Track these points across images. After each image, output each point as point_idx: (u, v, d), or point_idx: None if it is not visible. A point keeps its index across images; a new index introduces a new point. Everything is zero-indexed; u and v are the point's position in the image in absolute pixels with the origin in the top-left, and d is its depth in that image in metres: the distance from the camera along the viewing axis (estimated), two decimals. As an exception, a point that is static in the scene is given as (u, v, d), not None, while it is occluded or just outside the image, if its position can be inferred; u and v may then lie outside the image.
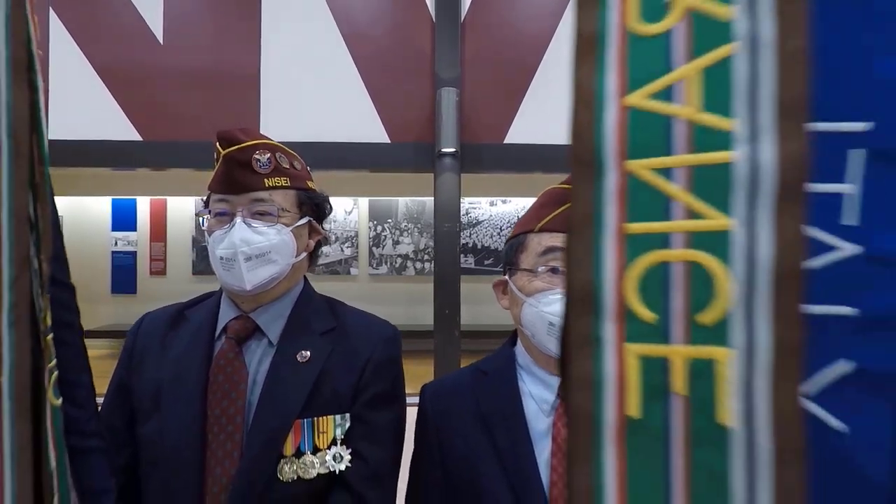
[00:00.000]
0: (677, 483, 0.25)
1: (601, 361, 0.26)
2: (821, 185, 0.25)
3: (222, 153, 0.96)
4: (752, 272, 0.24)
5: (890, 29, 0.25)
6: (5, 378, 0.45)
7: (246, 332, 0.98)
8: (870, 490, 0.25)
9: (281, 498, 0.89)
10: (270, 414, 0.91)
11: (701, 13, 0.24)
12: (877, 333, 0.25)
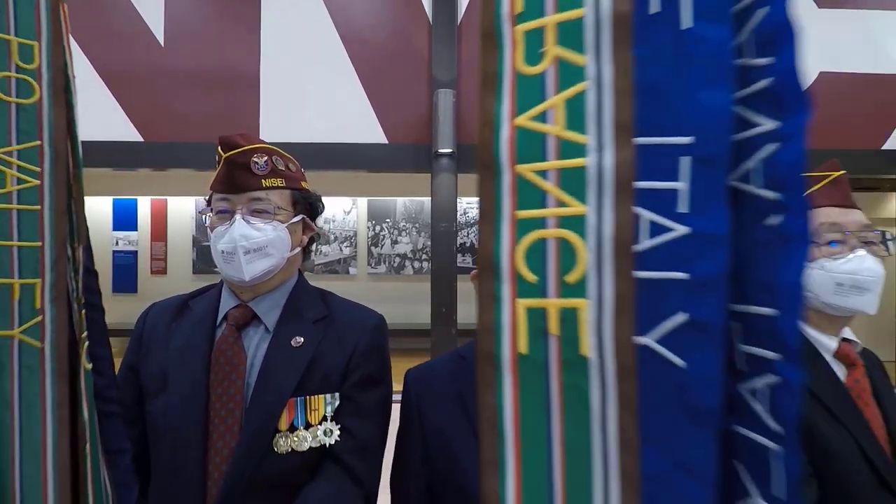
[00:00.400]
0: (555, 398, 0.35)
1: (500, 313, 0.36)
2: (659, 182, 0.34)
3: (223, 156, 1.06)
4: (600, 245, 0.34)
5: (704, 69, 0.35)
6: (47, 345, 0.55)
7: (245, 319, 1.08)
8: (700, 412, 0.34)
9: (276, 468, 0.99)
10: (267, 393, 1.01)
11: (564, 60, 0.34)
12: (703, 293, 0.34)
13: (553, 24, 0.34)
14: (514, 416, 0.36)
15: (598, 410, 0.34)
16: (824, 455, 1.00)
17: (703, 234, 0.34)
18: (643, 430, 0.33)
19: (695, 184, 0.34)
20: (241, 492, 0.96)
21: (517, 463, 0.36)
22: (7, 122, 0.53)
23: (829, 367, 1.07)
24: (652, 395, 0.34)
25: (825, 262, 1.05)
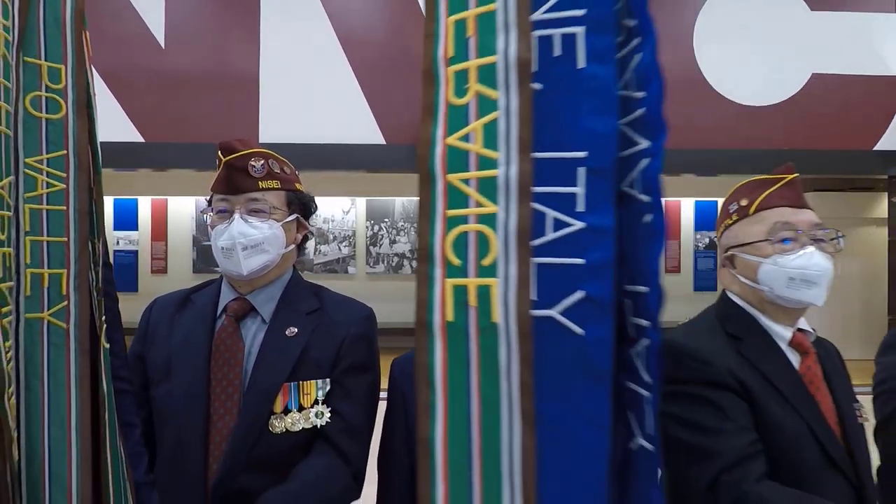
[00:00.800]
0: (473, 355, 0.44)
1: (433, 290, 0.45)
2: (561, 188, 0.43)
3: (223, 160, 1.15)
4: (507, 236, 0.43)
5: (595, 99, 0.44)
6: (72, 326, 0.64)
7: (243, 311, 1.17)
8: (596, 371, 0.43)
9: (271, 448, 1.08)
10: (263, 379, 1.10)
11: (482, 94, 0.43)
12: (596, 275, 0.43)
13: (475, 67, 0.44)
14: (443, 370, 0.45)
15: (505, 364, 0.44)
16: (776, 435, 1.08)
17: (596, 229, 0.43)
18: (549, 385, 0.43)
19: (589, 189, 0.43)
20: (240, 468, 1.06)
21: (444, 407, 0.45)
22: (38, 134, 0.62)
23: (783, 355, 1.16)
24: (556, 357, 0.43)
25: (778, 258, 1.14)
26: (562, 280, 0.43)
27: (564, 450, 0.43)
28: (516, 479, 0.43)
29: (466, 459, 0.45)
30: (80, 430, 0.63)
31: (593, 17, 0.43)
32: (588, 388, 0.43)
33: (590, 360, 0.43)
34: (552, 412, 0.43)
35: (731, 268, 1.23)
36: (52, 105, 0.63)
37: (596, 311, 0.42)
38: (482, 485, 0.45)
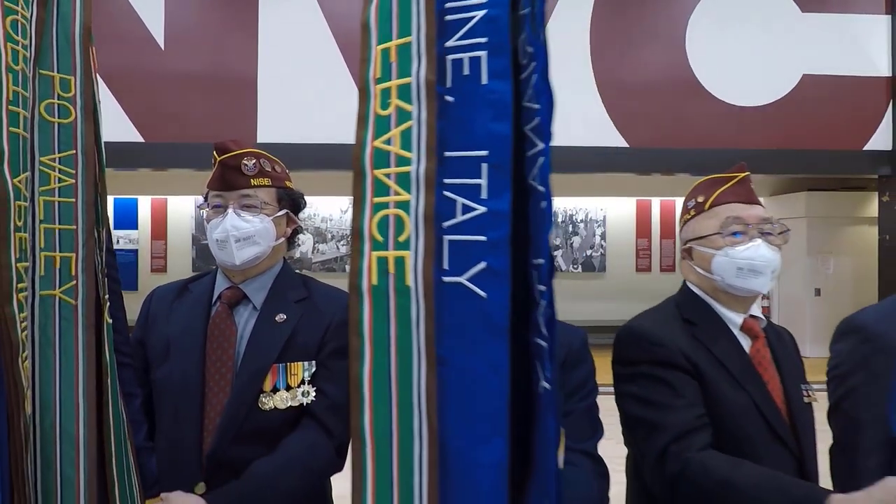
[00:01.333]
0: (391, 313, 0.55)
1: (362, 261, 0.56)
2: (469, 179, 0.53)
3: (218, 159, 1.25)
4: (417, 218, 0.53)
5: (494, 109, 0.54)
6: (80, 302, 0.74)
7: (236, 298, 1.27)
8: (496, 326, 0.53)
9: (261, 423, 1.17)
10: (253, 360, 1.20)
11: (400, 107, 0.54)
12: (495, 250, 0.53)
13: (395, 86, 0.55)
14: (369, 323, 0.57)
15: (415, 318, 0.54)
16: (725, 410, 1.18)
17: (495, 212, 0.54)
18: (457, 337, 0.53)
19: (490, 180, 0.53)
20: (231, 441, 1.15)
21: (370, 353, 0.56)
22: (51, 136, 0.72)
23: (734, 338, 1.26)
24: (464, 314, 0.54)
25: (729, 249, 1.24)
26: (468, 253, 0.54)
27: (469, 388, 0.53)
28: (423, 409, 0.55)
29: (387, 393, 0.56)
30: (87, 393, 0.73)
31: (493, 43, 0.53)
32: (489, 340, 0.53)
33: (490, 317, 0.53)
34: (459, 359, 0.54)
35: (689, 259, 1.33)
36: (63, 111, 0.73)
37: (495, 278, 0.53)
38: (398, 413, 0.56)
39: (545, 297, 0.53)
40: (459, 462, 0.53)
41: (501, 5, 0.54)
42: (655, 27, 6.43)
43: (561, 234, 8.76)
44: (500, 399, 0.52)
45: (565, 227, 8.79)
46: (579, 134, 6.26)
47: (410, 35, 0.56)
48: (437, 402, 0.53)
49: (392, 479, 0.56)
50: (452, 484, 0.54)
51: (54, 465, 0.71)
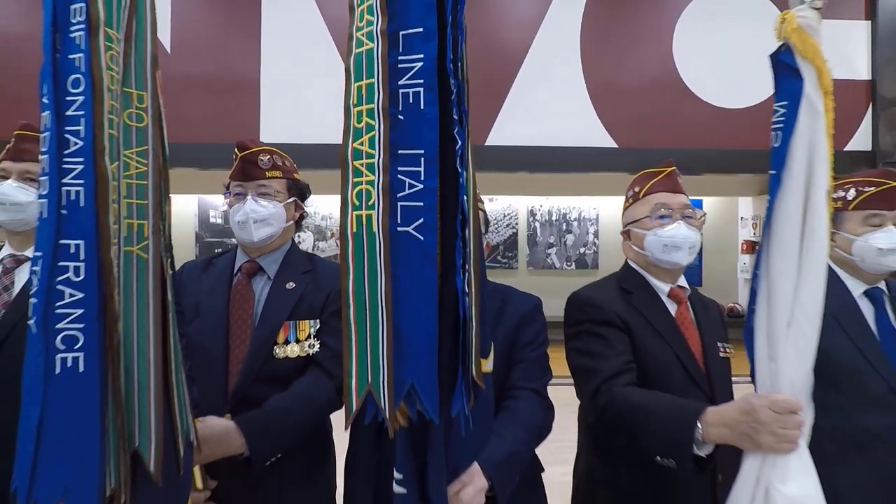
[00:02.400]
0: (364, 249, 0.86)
1: (346, 218, 0.86)
2: (413, 167, 0.83)
3: (239, 155, 1.54)
4: (378, 191, 0.84)
5: (426, 124, 0.86)
6: (150, 257, 1.03)
7: (253, 270, 1.56)
8: (429, 257, 0.83)
9: (275, 369, 1.46)
10: (269, 318, 1.49)
11: (368, 123, 0.85)
12: (428, 210, 0.83)
13: (364, 109, 0.86)
14: (352, 256, 0.86)
15: (378, 251, 0.85)
16: (651, 361, 1.46)
17: (429, 188, 0.84)
18: (405, 264, 0.84)
19: (425, 168, 0.85)
20: (251, 382, 1.44)
21: (353, 274, 0.86)
22: (131, 136, 1.01)
23: (662, 303, 1.55)
24: (411, 251, 0.84)
25: (657, 230, 1.53)
26: (412, 213, 0.84)
27: (412, 293, 0.84)
28: (384, 305, 0.85)
29: (362, 296, 0.85)
30: (155, 323, 1.02)
31: (427, 83, 0.83)
32: (424, 265, 0.84)
33: (426, 251, 0.84)
34: (406, 276, 0.85)
35: (628, 240, 1.63)
36: (138, 118, 1.02)
37: (428, 228, 0.83)
38: (369, 308, 0.86)
39: (459, 237, 0.84)
40: (407, 337, 0.84)
41: (431, 59, 0.85)
42: (643, 32, 6.71)
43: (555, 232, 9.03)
44: (431, 300, 0.83)
45: (559, 226, 9.06)
46: (570, 135, 6.54)
47: (373, 78, 0.86)
48: (392, 301, 0.84)
49: (366, 349, 0.86)
50: (402, 349, 0.84)
51: (133, 374, 1.00)
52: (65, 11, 0.95)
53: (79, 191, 0.92)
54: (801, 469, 1.07)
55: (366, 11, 0.87)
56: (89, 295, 0.93)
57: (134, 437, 1.00)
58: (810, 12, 1.10)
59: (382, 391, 0.86)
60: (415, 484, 0.97)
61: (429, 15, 0.86)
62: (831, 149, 1.09)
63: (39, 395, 0.92)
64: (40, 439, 0.92)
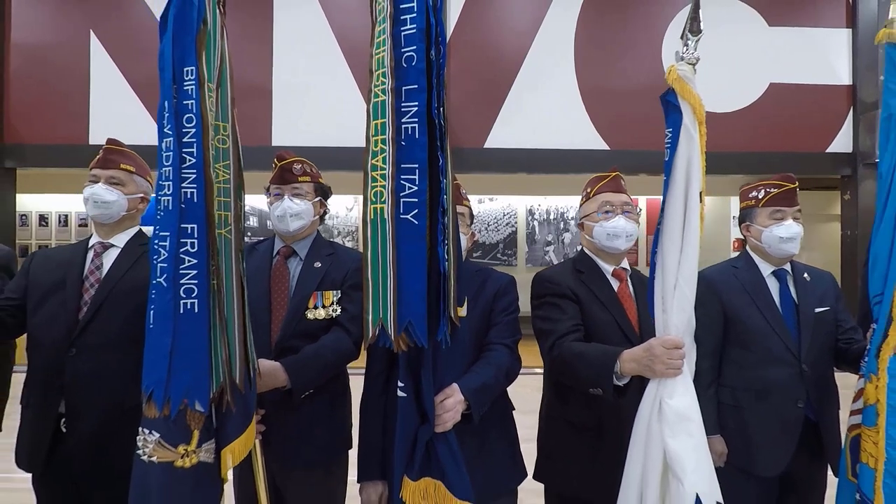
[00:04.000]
0: (378, 231, 1.36)
1: (366, 209, 1.37)
2: (411, 175, 1.32)
3: (278, 164, 2.04)
4: (388, 192, 1.33)
5: (417, 149, 1.34)
6: (233, 237, 1.53)
7: (288, 253, 2.06)
8: (420, 235, 1.34)
9: (307, 328, 1.96)
10: (301, 289, 1.99)
11: (382, 147, 1.33)
12: (421, 205, 1.34)
13: (379, 139, 1.35)
14: (369, 235, 1.36)
15: (389, 233, 1.33)
16: (596, 326, 1.94)
17: (421, 190, 1.34)
18: (405, 240, 1.33)
19: (419, 177, 1.34)
20: (289, 337, 1.94)
21: (370, 248, 1.35)
22: (219, 153, 1.51)
23: (607, 281, 2.03)
24: (408, 231, 1.33)
25: (603, 222, 2.01)
26: (410, 206, 1.32)
27: (410, 259, 1.33)
28: (390, 267, 1.34)
29: (377, 261, 1.34)
30: (237, 280, 1.52)
31: (420, 121, 1.31)
32: (417, 239, 1.33)
33: (418, 230, 1.32)
34: (406, 246, 1.32)
35: (582, 231, 2.11)
36: (223, 142, 1.52)
37: (420, 216, 1.32)
38: (381, 270, 1.34)
39: (440, 222, 1.32)
40: (406, 288, 1.34)
41: (423, 106, 1.34)
42: (634, 41, 7.19)
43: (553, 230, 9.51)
44: (422, 263, 1.33)
45: (556, 224, 9.53)
46: (564, 138, 7.03)
47: (385, 118, 1.35)
48: (396, 265, 1.33)
49: (379, 297, 1.37)
50: (402, 297, 1.34)
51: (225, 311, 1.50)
52: (180, 71, 1.45)
53: (193, 191, 1.43)
54: (683, 389, 1.55)
55: (381, 75, 1.36)
56: (200, 261, 1.43)
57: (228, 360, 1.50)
58: (687, 66, 1.56)
59: (390, 324, 1.35)
60: (412, 392, 1.46)
61: (421, 76, 1.35)
62: (703, 162, 1.56)
63: (170, 328, 1.42)
64: (171, 358, 1.41)
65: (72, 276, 1.96)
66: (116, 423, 1.85)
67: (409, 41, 1.36)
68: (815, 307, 2.06)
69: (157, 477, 1.43)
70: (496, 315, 1.92)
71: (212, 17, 1.48)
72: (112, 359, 1.87)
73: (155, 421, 1.44)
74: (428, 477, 1.50)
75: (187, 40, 1.43)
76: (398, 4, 1.36)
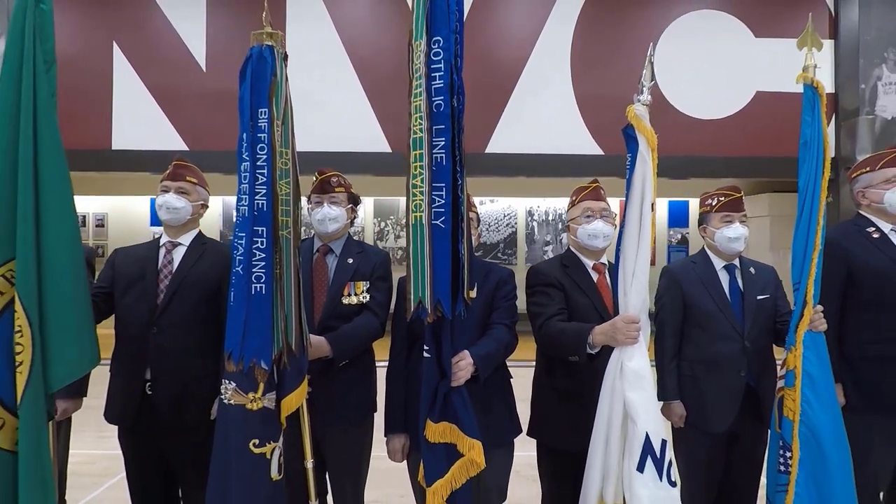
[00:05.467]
0: (417, 231, 1.85)
1: (408, 217, 1.86)
2: (441, 192, 1.82)
3: (319, 177, 2.53)
4: (425, 203, 1.83)
5: (446, 173, 1.84)
6: (291, 236, 2.04)
7: (326, 251, 2.57)
8: (446, 234, 1.83)
9: (343, 311, 2.47)
10: (338, 280, 2.50)
11: (419, 173, 1.83)
12: (447, 213, 1.83)
13: (416, 165, 1.83)
14: (410, 234, 1.89)
15: (426, 234, 1.84)
16: (577, 310, 2.44)
17: (447, 202, 1.85)
18: (439, 239, 1.84)
19: (445, 193, 1.85)
20: (329, 318, 2.45)
21: (410, 242, 1.86)
22: (283, 172, 2.02)
23: (588, 273, 2.53)
24: (438, 232, 1.84)
25: (585, 225, 2.51)
26: (440, 214, 1.81)
27: (439, 252, 1.82)
28: (426, 256, 1.84)
29: (418, 253, 1.84)
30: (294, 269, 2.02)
31: (446, 152, 1.82)
32: (445, 237, 1.82)
33: (445, 233, 1.81)
34: (437, 246, 1.82)
35: (568, 232, 2.61)
36: (285, 164, 2.02)
37: (447, 222, 1.81)
38: (420, 259, 1.84)
39: (460, 227, 1.82)
40: (436, 275, 1.85)
41: (448, 140, 1.84)
42: (628, 50, 7.70)
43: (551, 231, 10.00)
44: (447, 257, 1.83)
45: (555, 225, 10.03)
46: (561, 143, 7.54)
47: (423, 150, 1.85)
48: (431, 258, 1.83)
49: (419, 281, 1.88)
50: (434, 282, 1.85)
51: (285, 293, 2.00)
52: (256, 112, 1.95)
53: (263, 202, 1.94)
54: (639, 354, 2.05)
55: (418, 118, 1.86)
56: (267, 255, 1.94)
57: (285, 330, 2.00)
58: (642, 107, 2.06)
59: (427, 301, 1.85)
60: (435, 354, 1.96)
61: (447, 119, 1.86)
62: (656, 181, 2.05)
63: (244, 306, 1.93)
64: (245, 328, 1.91)
65: (150, 269, 2.46)
66: (189, 386, 2.37)
67: (437, 93, 1.86)
68: (757, 295, 2.56)
69: (234, 415, 1.94)
70: (497, 301, 2.42)
71: (280, 71, 1.97)
72: (185, 336, 2.38)
73: (232, 374, 1.95)
74: (445, 421, 1.99)
75: (262, 88, 1.94)
76: (430, 65, 1.85)
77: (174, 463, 2.44)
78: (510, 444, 2.42)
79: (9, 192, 1.85)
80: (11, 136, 1.86)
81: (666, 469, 1.92)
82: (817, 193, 2.27)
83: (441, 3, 1.87)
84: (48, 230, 1.88)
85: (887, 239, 2.55)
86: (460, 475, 2.01)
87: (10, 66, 1.87)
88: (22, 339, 1.82)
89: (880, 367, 2.47)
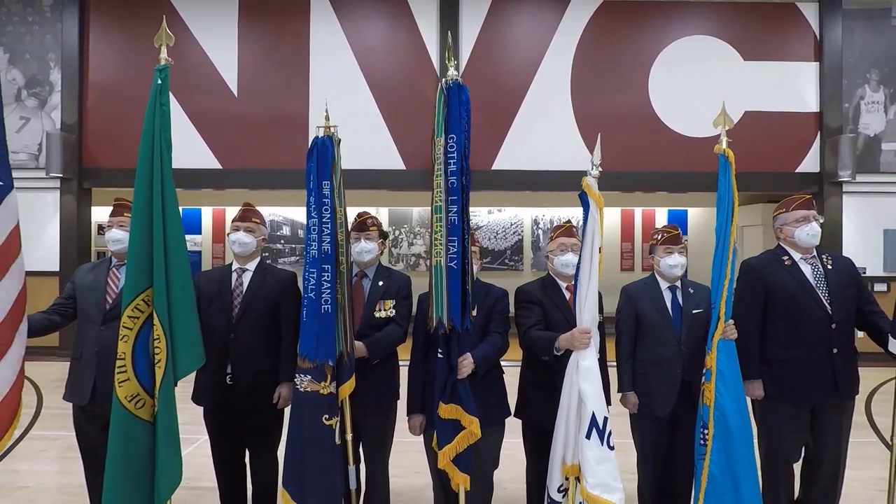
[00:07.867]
0: (437, 266, 2.75)
1: (431, 259, 2.73)
2: (456, 216, 2.69)
3: (358, 220, 3.43)
4: (445, 227, 2.71)
5: (456, 203, 2.71)
6: (344, 269, 2.96)
7: (362, 275, 3.51)
8: (457, 273, 2.70)
9: (375, 322, 3.39)
10: (371, 299, 3.42)
11: (440, 220, 2.72)
12: (457, 236, 2.70)
13: (435, 212, 2.74)
14: (433, 274, 2.80)
15: (443, 267, 2.76)
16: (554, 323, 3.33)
17: (458, 251, 2.72)
18: (452, 271, 2.75)
19: (457, 244, 2.71)
20: (364, 329, 3.38)
21: (432, 273, 2.77)
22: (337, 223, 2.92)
23: (562, 293, 3.42)
24: (451, 272, 2.74)
25: (560, 256, 3.38)
26: (453, 258, 2.72)
27: (452, 283, 2.73)
28: (444, 287, 2.75)
29: (439, 279, 2.76)
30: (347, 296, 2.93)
31: (459, 215, 2.74)
32: (456, 275, 2.73)
33: (457, 272, 2.72)
34: (452, 281, 2.73)
35: (547, 260, 3.49)
36: (341, 216, 2.93)
37: (457, 264, 2.70)
38: (439, 291, 2.77)
39: (466, 268, 2.70)
40: (451, 300, 2.77)
41: (459, 207, 2.75)
42: (624, 75, 8.55)
43: (556, 238, 10.78)
44: (457, 287, 2.73)
45: (559, 233, 10.80)
46: (562, 161, 8.39)
47: (441, 214, 2.77)
48: (446, 288, 2.75)
49: (438, 303, 2.80)
50: (449, 304, 2.75)
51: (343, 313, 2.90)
52: (320, 183, 2.85)
53: (328, 247, 2.84)
54: (591, 356, 2.92)
55: (439, 192, 2.77)
56: (331, 284, 2.87)
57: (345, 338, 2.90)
58: (592, 179, 2.92)
59: (445, 318, 2.74)
60: (446, 355, 2.84)
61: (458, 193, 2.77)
62: (602, 230, 2.92)
63: (316, 321, 2.84)
64: (318, 337, 2.81)
65: (225, 289, 3.39)
66: (259, 378, 3.29)
67: (452, 174, 2.77)
68: (693, 309, 3.43)
69: (310, 399, 2.86)
70: (494, 314, 3.30)
71: (337, 153, 2.87)
72: (255, 339, 3.32)
73: (307, 370, 2.87)
74: (452, 403, 2.87)
75: (325, 167, 2.84)
76: (447, 155, 2.75)
77: (245, 434, 3.36)
78: (501, 424, 3.31)
79: (147, 238, 2.76)
80: (147, 196, 2.78)
81: (606, 437, 2.79)
82: (727, 235, 3.12)
83: (454, 110, 2.76)
84: (172, 265, 2.79)
85: (797, 266, 3.40)
86: (463, 442, 2.90)
87: (145, 145, 2.80)
88: (159, 344, 2.73)
89: (788, 366, 3.32)
